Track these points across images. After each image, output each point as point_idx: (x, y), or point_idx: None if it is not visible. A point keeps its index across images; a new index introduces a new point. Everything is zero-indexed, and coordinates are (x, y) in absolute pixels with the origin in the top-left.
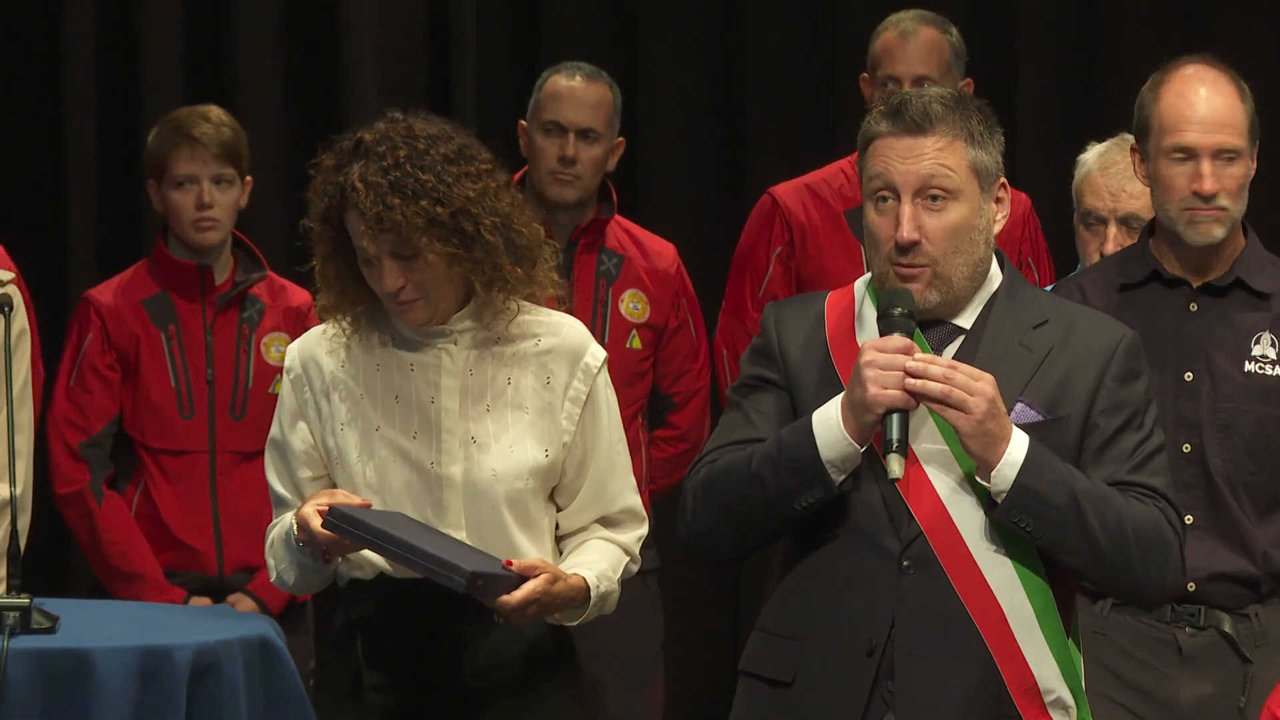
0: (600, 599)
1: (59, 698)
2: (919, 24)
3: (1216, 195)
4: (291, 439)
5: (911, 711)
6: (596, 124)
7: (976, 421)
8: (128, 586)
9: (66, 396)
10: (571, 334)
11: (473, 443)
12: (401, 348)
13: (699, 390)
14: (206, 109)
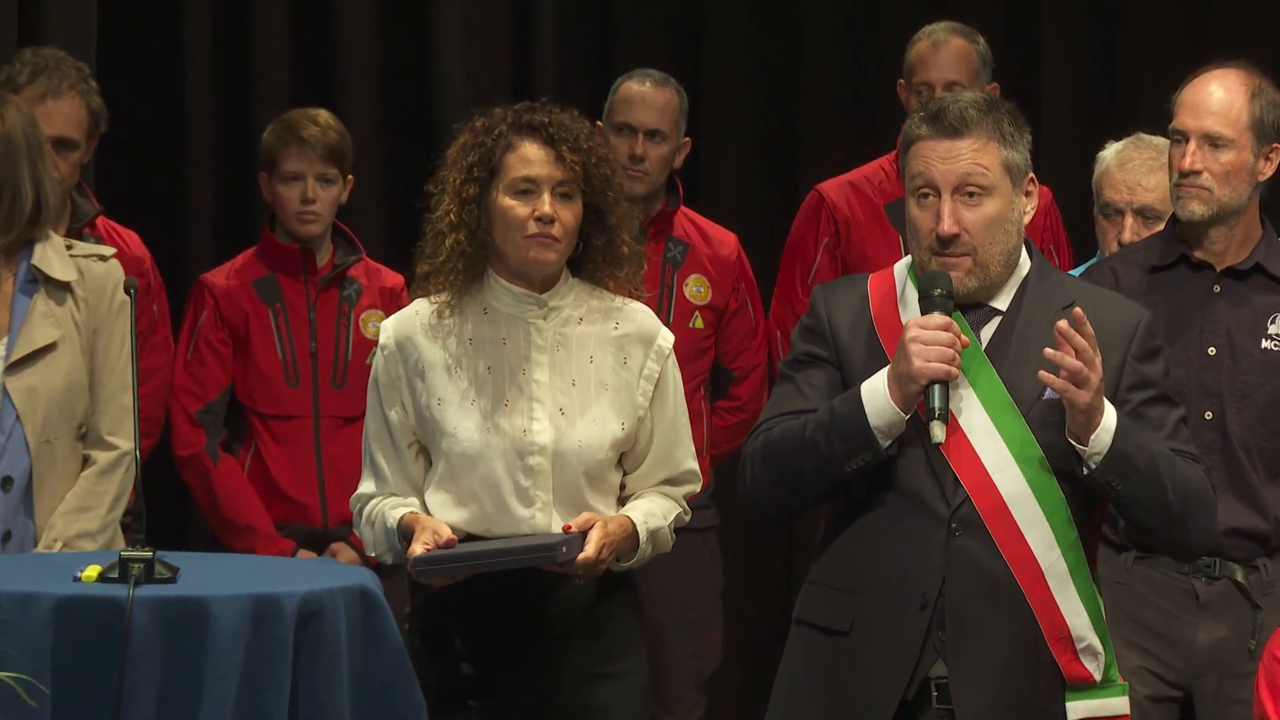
0: (650, 536)
1: (179, 641)
2: (949, 34)
3: (1200, 175)
4: (387, 412)
5: (960, 658)
6: (663, 125)
7: (1093, 394)
8: (242, 538)
9: (184, 368)
10: (645, 320)
11: (561, 414)
12: (494, 323)
13: (757, 365)
14: (316, 113)
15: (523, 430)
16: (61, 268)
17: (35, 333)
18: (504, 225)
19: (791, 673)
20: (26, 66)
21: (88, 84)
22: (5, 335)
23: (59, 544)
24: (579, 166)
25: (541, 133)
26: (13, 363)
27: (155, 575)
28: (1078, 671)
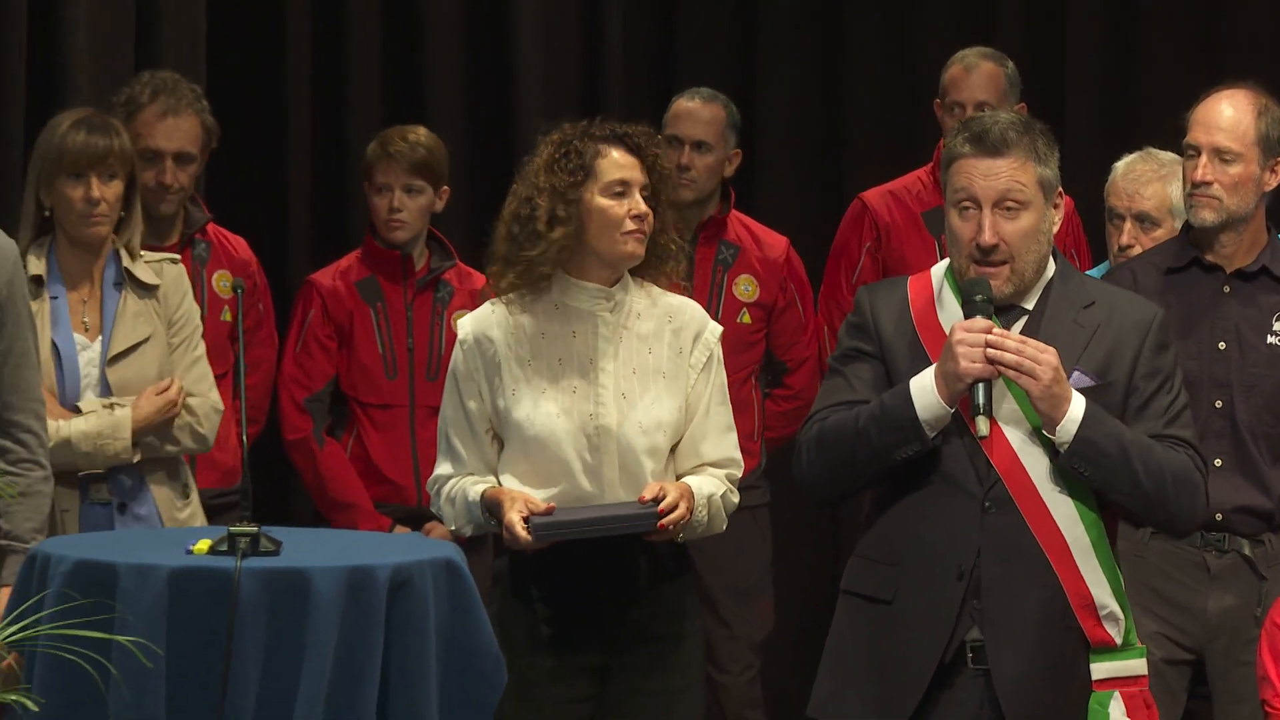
0: (704, 502)
1: (282, 609)
2: (980, 59)
3: (1211, 185)
4: (466, 401)
5: (994, 624)
6: (709, 137)
7: (1044, 386)
8: (344, 515)
9: (294, 360)
10: (696, 314)
11: (623, 398)
12: (565, 318)
13: (808, 358)
14: (411, 129)
15: (589, 414)
16: (145, 271)
17: (129, 330)
18: (601, 223)
19: (839, 638)
20: (147, 88)
21: (202, 104)
22: (100, 334)
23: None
24: (655, 174)
25: (628, 141)
26: (111, 357)
27: (261, 548)
28: (1101, 636)
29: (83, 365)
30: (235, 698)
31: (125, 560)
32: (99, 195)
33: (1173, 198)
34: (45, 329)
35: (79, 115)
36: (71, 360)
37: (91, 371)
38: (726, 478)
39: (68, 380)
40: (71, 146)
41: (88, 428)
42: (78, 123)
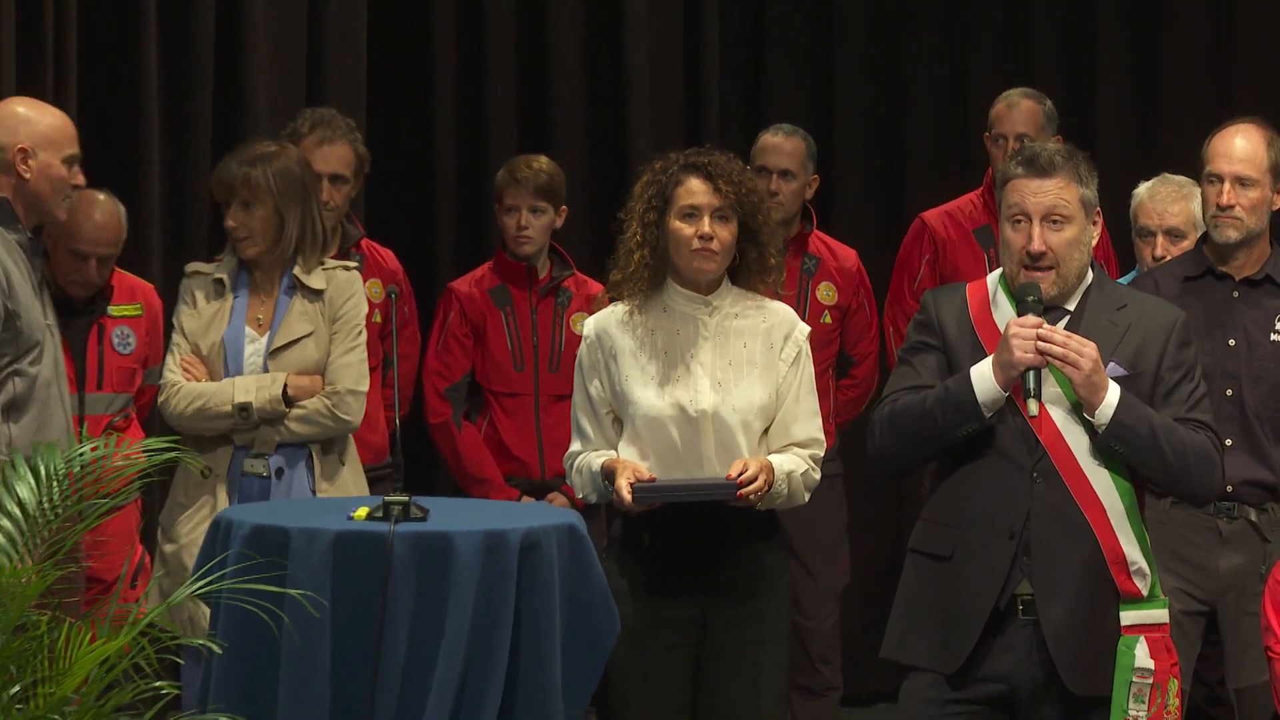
0: (785, 477)
1: (428, 567)
2: (1022, 97)
3: (1234, 208)
4: (590, 388)
5: (1040, 578)
6: (792, 166)
7: (1085, 374)
8: (479, 487)
9: (436, 356)
10: (787, 315)
11: (719, 386)
12: (671, 319)
13: (871, 353)
14: (535, 158)
15: (689, 400)
16: (315, 278)
17: (292, 327)
18: (675, 242)
19: (907, 590)
20: (307, 120)
21: (355, 134)
22: (268, 330)
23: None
24: (732, 195)
25: (702, 170)
26: (273, 350)
27: (410, 515)
28: (1130, 588)
29: (248, 355)
30: (389, 644)
31: (296, 525)
32: (235, 223)
33: (1194, 213)
34: (220, 326)
35: (245, 149)
36: (237, 350)
37: (256, 361)
38: (810, 457)
39: (231, 367)
40: (217, 178)
41: (248, 381)
42: (232, 156)
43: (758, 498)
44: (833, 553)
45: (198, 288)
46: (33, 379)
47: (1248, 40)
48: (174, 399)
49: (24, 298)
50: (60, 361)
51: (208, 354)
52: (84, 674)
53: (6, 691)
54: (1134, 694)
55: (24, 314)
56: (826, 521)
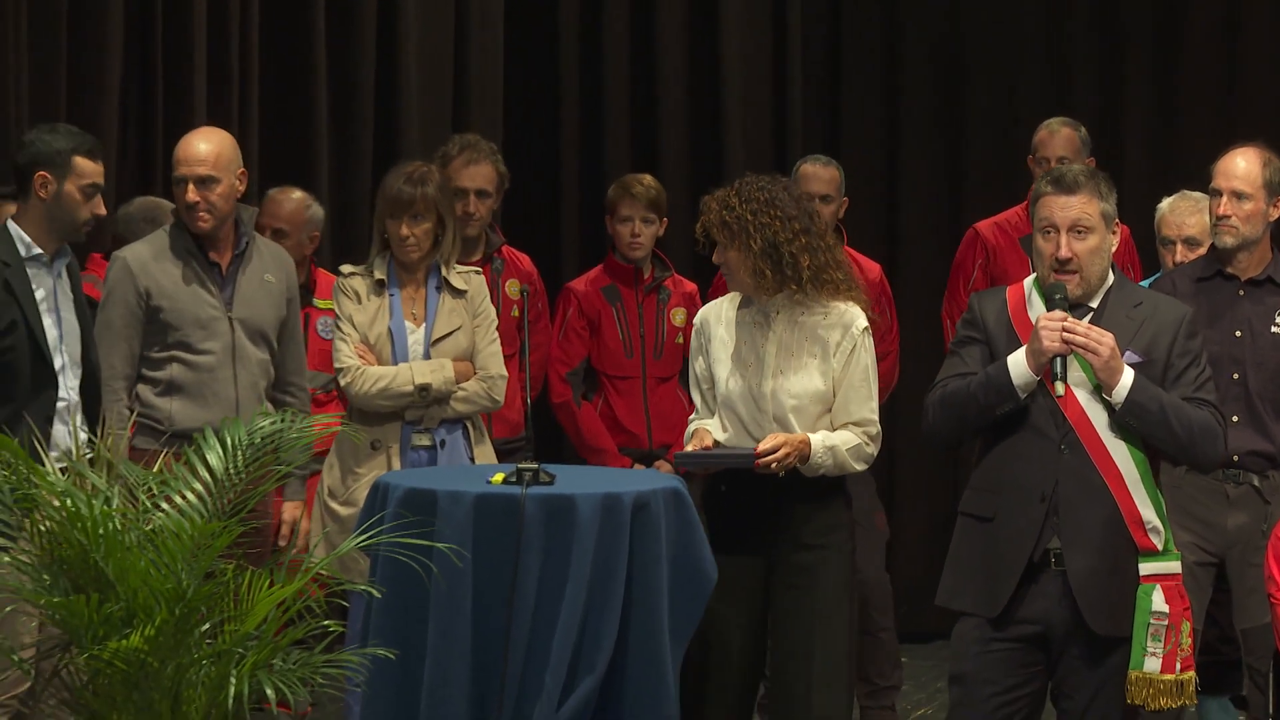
0: (828, 450)
1: (555, 524)
2: (1061, 125)
3: (1231, 218)
4: (695, 366)
5: (1068, 534)
6: (830, 191)
7: (1104, 360)
8: (597, 457)
9: (558, 345)
10: (847, 313)
11: (781, 373)
12: (753, 316)
13: (891, 352)
14: (643, 176)
15: (756, 383)
16: (457, 279)
17: (445, 321)
18: None
19: (956, 547)
20: (456, 144)
21: (496, 156)
22: (423, 323)
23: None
24: (724, 236)
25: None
26: (434, 340)
27: (540, 480)
28: (1147, 543)
29: (410, 345)
30: (521, 590)
31: (442, 488)
32: (408, 233)
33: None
34: (384, 319)
35: (408, 170)
36: (402, 340)
37: (417, 349)
38: (864, 433)
39: (398, 354)
40: (391, 194)
41: (422, 365)
42: (402, 176)
43: (779, 467)
44: (868, 513)
45: (358, 286)
46: (194, 364)
47: (1253, 78)
48: (358, 381)
49: (178, 295)
50: (238, 348)
51: (375, 343)
52: (263, 614)
53: (198, 629)
54: (1151, 634)
55: (171, 311)
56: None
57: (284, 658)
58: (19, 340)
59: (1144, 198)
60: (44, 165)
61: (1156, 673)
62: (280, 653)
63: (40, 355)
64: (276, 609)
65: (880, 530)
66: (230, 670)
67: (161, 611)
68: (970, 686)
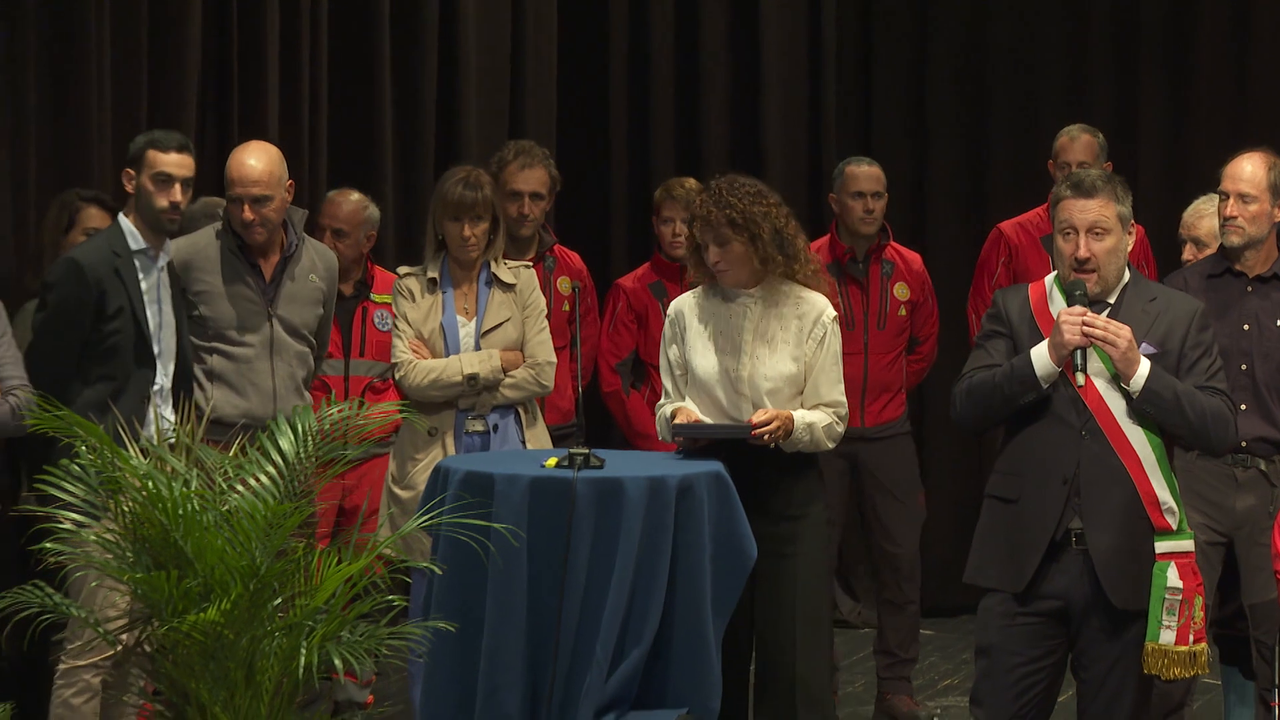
0: (806, 427)
1: (604, 505)
2: (1081, 132)
3: (1237, 219)
4: (668, 354)
5: (1088, 514)
6: (882, 188)
7: (1122, 352)
8: (643, 442)
9: (608, 337)
10: (818, 304)
11: (756, 358)
12: (727, 307)
13: (931, 335)
14: (685, 180)
15: (731, 367)
16: (506, 274)
17: (495, 314)
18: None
19: (983, 527)
20: (511, 150)
21: (549, 160)
22: (474, 315)
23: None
24: (720, 228)
25: (701, 217)
26: (484, 332)
27: (590, 464)
28: (1162, 523)
29: (462, 337)
30: (573, 567)
31: (499, 471)
32: (469, 233)
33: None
34: (437, 315)
35: (461, 174)
36: (454, 333)
37: (469, 341)
38: (834, 413)
39: (450, 347)
40: (452, 198)
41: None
42: (458, 181)
43: (771, 439)
44: (908, 492)
45: (413, 285)
46: (233, 356)
47: (1260, 89)
48: (411, 374)
49: (215, 293)
50: (277, 342)
51: (429, 338)
52: (332, 589)
53: (271, 603)
54: (1166, 608)
55: (210, 305)
56: (904, 469)
57: (351, 630)
58: (125, 324)
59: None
60: (129, 164)
61: (1171, 644)
62: (348, 626)
63: (142, 340)
64: (344, 585)
65: (920, 510)
66: (301, 642)
67: (237, 587)
68: (996, 658)
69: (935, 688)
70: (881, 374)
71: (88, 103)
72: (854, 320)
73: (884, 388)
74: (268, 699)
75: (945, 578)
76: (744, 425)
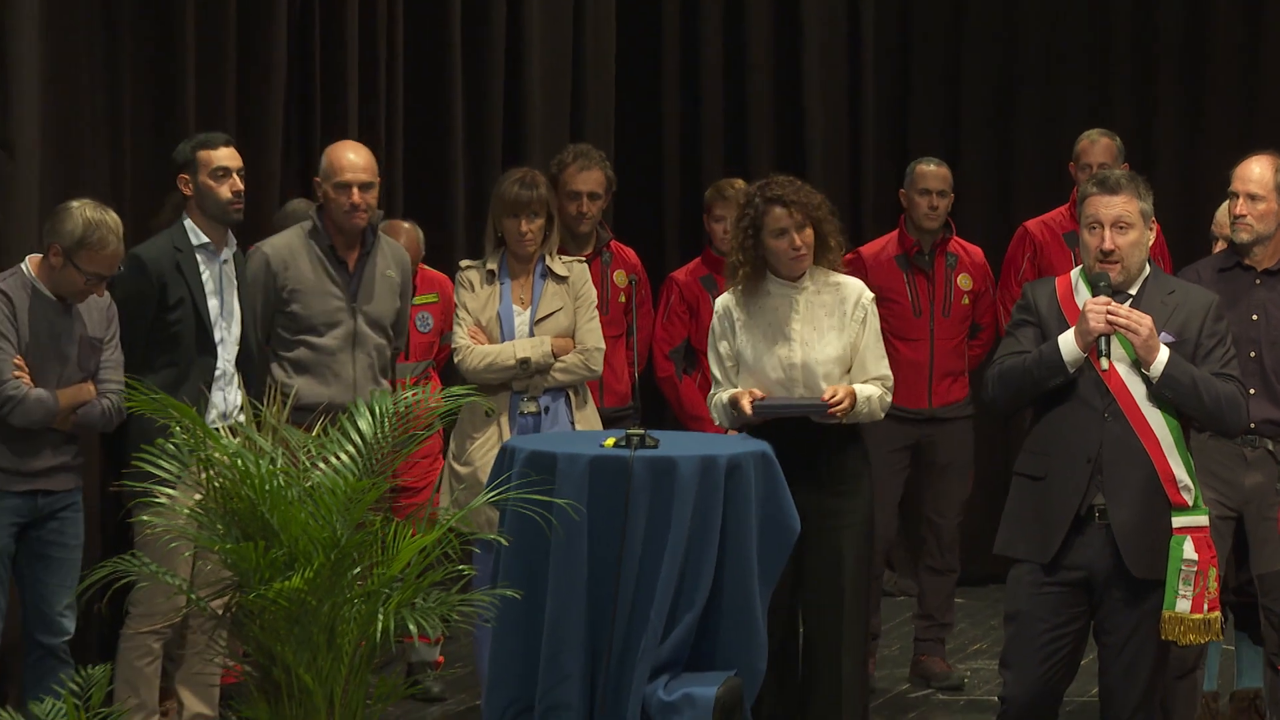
0: (865, 400)
1: (659, 483)
2: (1100, 135)
3: (1246, 217)
4: (719, 347)
5: (1111, 491)
6: (948, 187)
7: (1143, 339)
8: (695, 423)
9: (662, 327)
10: (857, 287)
11: (807, 344)
12: (773, 299)
13: (991, 323)
14: (735, 180)
15: (784, 355)
16: (559, 267)
17: (548, 304)
18: (776, 253)
19: (1012, 502)
20: (571, 152)
21: (605, 162)
22: (529, 305)
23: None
24: (800, 213)
25: (779, 200)
26: (537, 320)
27: (646, 444)
28: (1179, 499)
29: (518, 326)
30: (630, 540)
31: (561, 450)
32: (527, 229)
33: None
34: (494, 304)
35: (518, 175)
36: (509, 321)
37: (523, 329)
38: (883, 385)
39: (506, 334)
40: (510, 196)
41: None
42: (515, 180)
43: (844, 414)
44: (964, 470)
45: (473, 277)
46: (318, 348)
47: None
48: (468, 358)
49: (307, 290)
50: (359, 336)
51: (486, 325)
52: (406, 559)
53: (350, 572)
54: (1182, 579)
55: (302, 303)
56: (962, 451)
57: (424, 597)
58: (185, 314)
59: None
60: (181, 170)
61: (1187, 612)
62: (421, 593)
63: (203, 328)
64: (418, 555)
65: (967, 488)
66: (378, 608)
67: (319, 557)
68: (1024, 624)
69: (966, 652)
70: (946, 359)
71: (185, 125)
72: (920, 308)
73: (948, 371)
74: (347, 660)
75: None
76: (820, 403)
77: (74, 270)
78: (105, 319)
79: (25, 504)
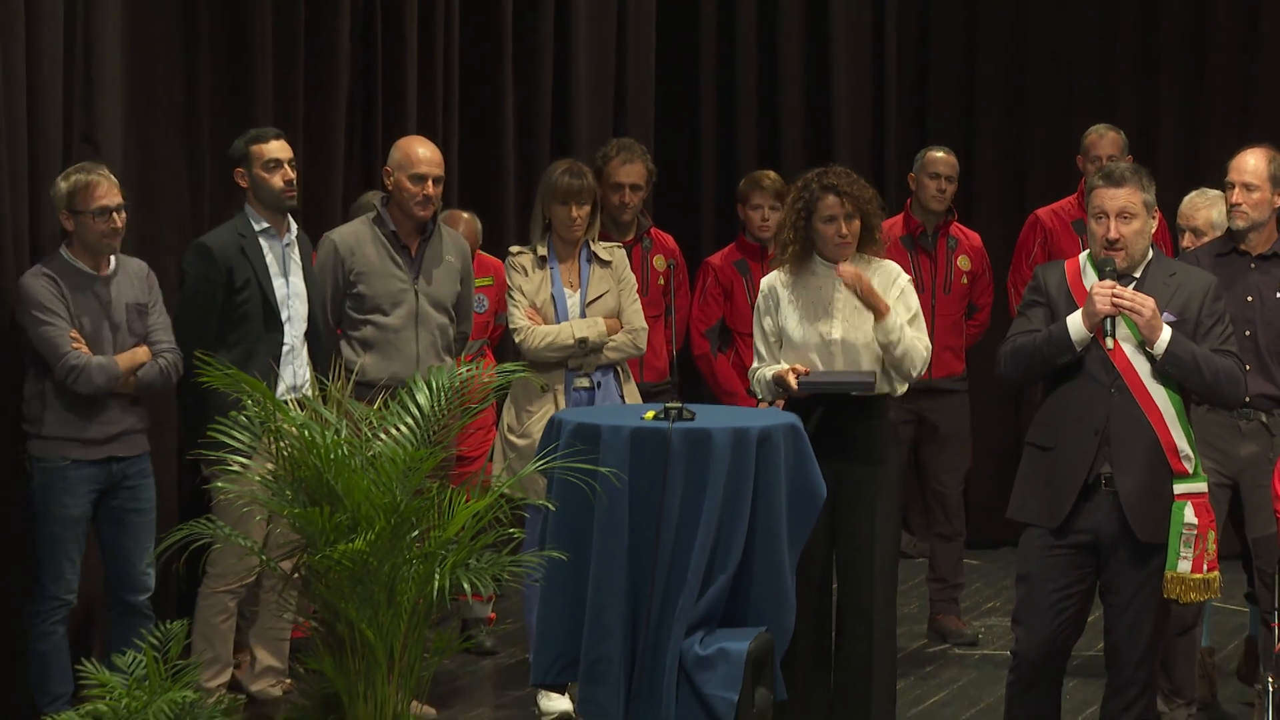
0: (899, 327)
1: (694, 453)
2: (1107, 130)
3: (1242, 205)
4: (763, 324)
5: (1117, 460)
6: (953, 173)
7: (1146, 319)
8: (729, 398)
9: (698, 308)
10: (893, 268)
11: (848, 322)
12: (817, 279)
13: (988, 303)
14: (769, 172)
15: (826, 331)
16: (603, 253)
17: (596, 287)
18: (823, 237)
19: (1024, 470)
20: (614, 146)
21: (646, 155)
22: (578, 288)
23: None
24: (851, 204)
25: (833, 189)
26: (588, 302)
27: (683, 417)
28: (1180, 468)
29: (570, 307)
30: (668, 506)
31: (605, 423)
32: (576, 215)
33: (1213, 217)
34: (547, 287)
35: (565, 165)
36: (563, 303)
37: (575, 310)
38: (923, 342)
39: (560, 315)
40: (561, 185)
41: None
42: (564, 171)
43: (853, 279)
44: (963, 441)
45: (525, 262)
46: (383, 326)
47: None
48: (530, 338)
49: (372, 272)
50: (421, 314)
51: (541, 306)
52: (461, 523)
53: (409, 535)
54: (1184, 542)
55: (367, 284)
56: (959, 423)
57: (477, 558)
58: (252, 294)
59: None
60: (236, 165)
61: (1188, 573)
62: (474, 554)
63: (269, 307)
64: (472, 519)
65: (965, 458)
66: (435, 568)
67: (380, 521)
68: (1034, 584)
69: (979, 610)
70: (945, 334)
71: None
72: (922, 285)
73: (947, 345)
74: (406, 617)
75: (988, 514)
76: (865, 378)
77: (84, 218)
78: (146, 285)
79: (100, 472)
